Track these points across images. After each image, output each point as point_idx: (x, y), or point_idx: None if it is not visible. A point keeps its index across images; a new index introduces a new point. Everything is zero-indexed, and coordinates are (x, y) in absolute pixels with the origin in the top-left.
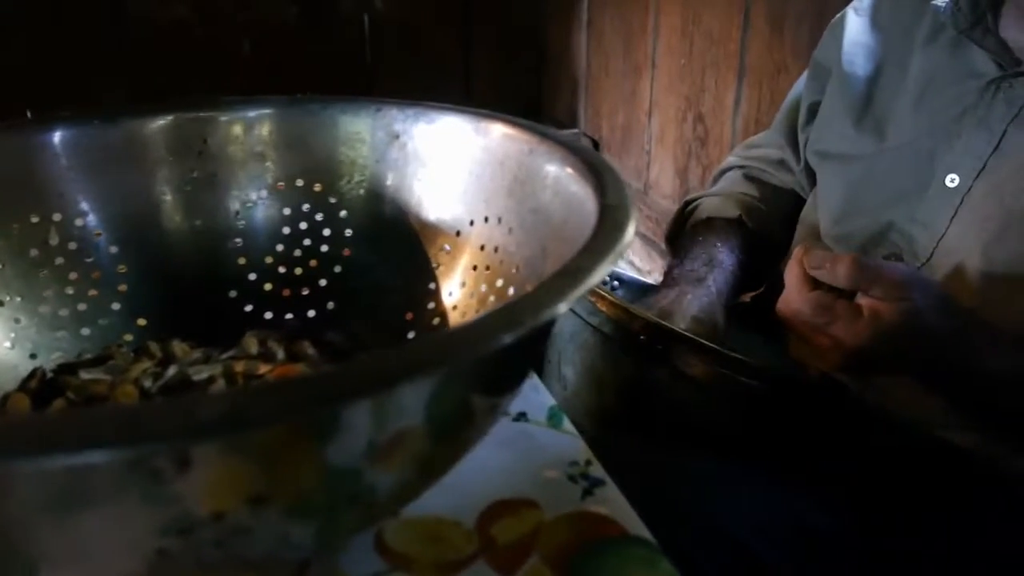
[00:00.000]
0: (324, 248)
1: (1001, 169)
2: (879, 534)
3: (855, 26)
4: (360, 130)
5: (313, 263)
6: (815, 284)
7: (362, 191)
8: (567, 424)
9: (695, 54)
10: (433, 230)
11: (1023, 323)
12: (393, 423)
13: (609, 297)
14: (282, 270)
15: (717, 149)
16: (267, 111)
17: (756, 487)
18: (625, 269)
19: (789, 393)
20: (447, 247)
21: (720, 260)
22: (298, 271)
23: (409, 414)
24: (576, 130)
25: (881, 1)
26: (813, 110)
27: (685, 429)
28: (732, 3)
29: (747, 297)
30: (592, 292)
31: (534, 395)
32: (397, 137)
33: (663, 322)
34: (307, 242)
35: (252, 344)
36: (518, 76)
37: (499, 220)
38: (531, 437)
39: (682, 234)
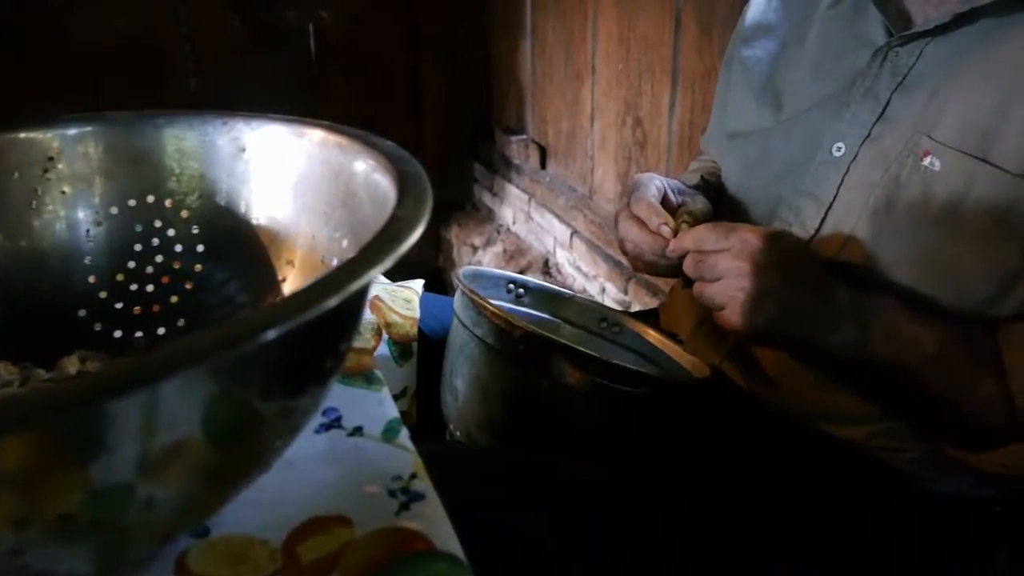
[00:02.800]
0: (176, 265)
1: (885, 137)
2: (757, 533)
3: (758, 6)
4: (208, 144)
5: (165, 280)
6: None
7: (212, 206)
8: (402, 438)
9: (631, 59)
10: (279, 243)
11: (909, 290)
12: (165, 432)
13: (491, 308)
14: (133, 287)
15: (655, 153)
16: (114, 127)
17: (631, 493)
18: (573, 272)
19: (667, 397)
20: (291, 260)
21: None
22: (149, 288)
23: (182, 421)
24: (524, 136)
25: None
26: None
27: (567, 437)
28: (665, 8)
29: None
30: (477, 303)
31: (376, 409)
32: (244, 150)
33: (542, 332)
34: (159, 259)
35: (71, 364)
36: (467, 84)
37: (336, 233)
38: (361, 452)
39: None
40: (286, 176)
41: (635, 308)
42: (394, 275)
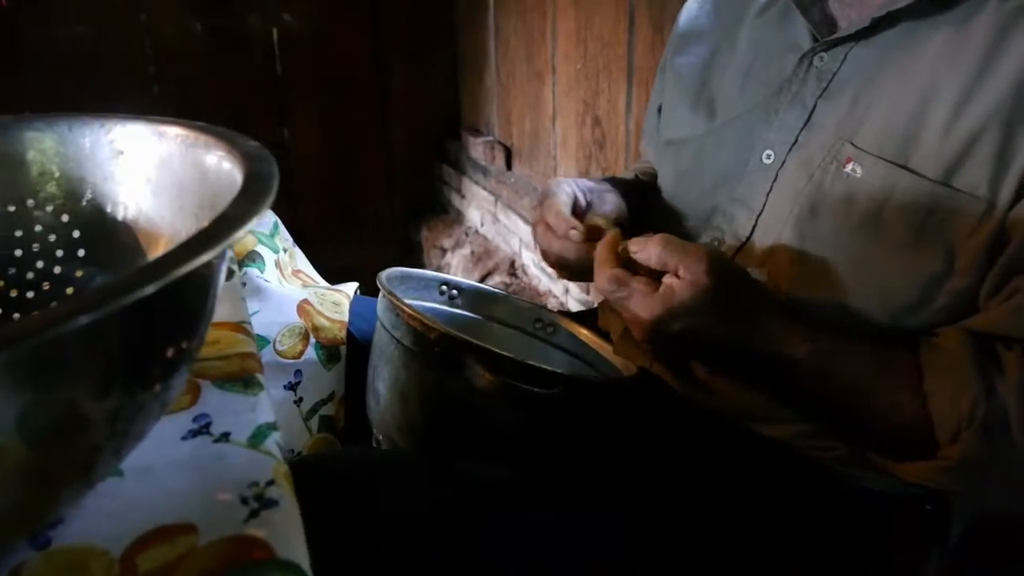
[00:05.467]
0: (57, 269)
1: (811, 144)
2: (677, 532)
3: (690, 12)
4: (87, 147)
5: (46, 286)
6: (630, 265)
7: (92, 209)
8: (269, 444)
9: (589, 58)
10: (156, 245)
11: (834, 299)
12: None
13: (407, 310)
14: (13, 294)
15: (614, 151)
16: None
17: (544, 494)
18: (538, 273)
19: (581, 397)
20: None
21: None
22: (30, 295)
23: None
24: (489, 137)
25: None
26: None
27: (484, 439)
28: (619, 6)
29: None
30: (394, 305)
31: (247, 415)
32: (122, 153)
33: (457, 333)
34: (40, 264)
35: None
36: (434, 85)
37: None
38: (223, 458)
39: None
40: (161, 177)
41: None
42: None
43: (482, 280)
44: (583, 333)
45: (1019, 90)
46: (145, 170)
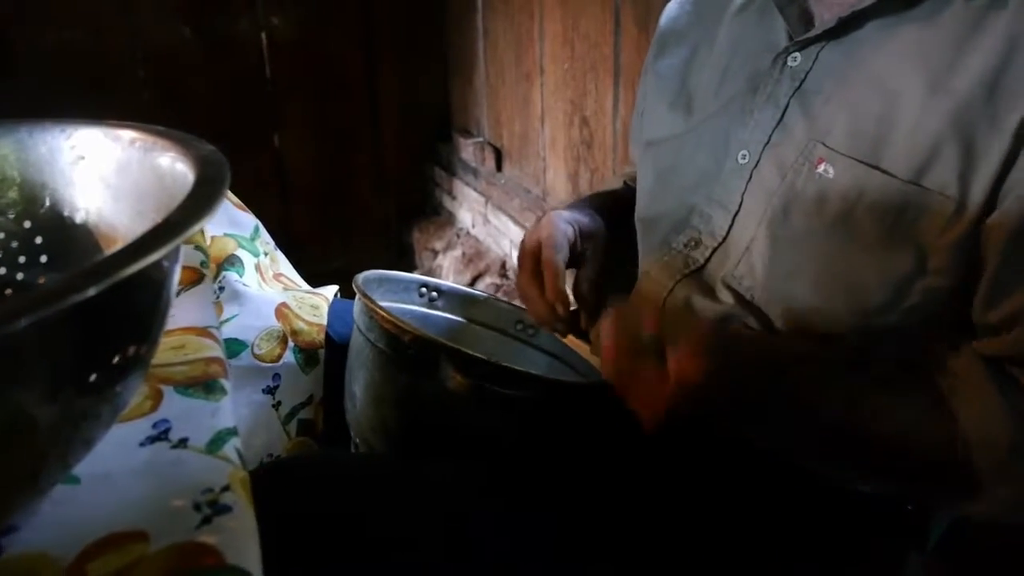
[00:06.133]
0: (19, 276)
1: (784, 144)
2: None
3: (671, 13)
4: (48, 154)
5: (8, 292)
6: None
7: (54, 215)
8: (227, 449)
9: (576, 59)
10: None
11: (807, 299)
12: None
13: (382, 313)
14: None
15: (601, 152)
16: None
17: (519, 496)
18: None
19: (555, 399)
20: None
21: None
22: None
23: None
24: (480, 139)
25: None
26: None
27: (457, 441)
28: (605, 7)
29: None
30: (368, 307)
31: (207, 420)
32: (83, 158)
33: (431, 336)
34: (2, 271)
35: None
36: (425, 87)
37: None
38: (180, 464)
39: None
40: (121, 182)
41: None
42: (327, 282)
43: (473, 282)
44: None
45: (986, 88)
46: (105, 175)
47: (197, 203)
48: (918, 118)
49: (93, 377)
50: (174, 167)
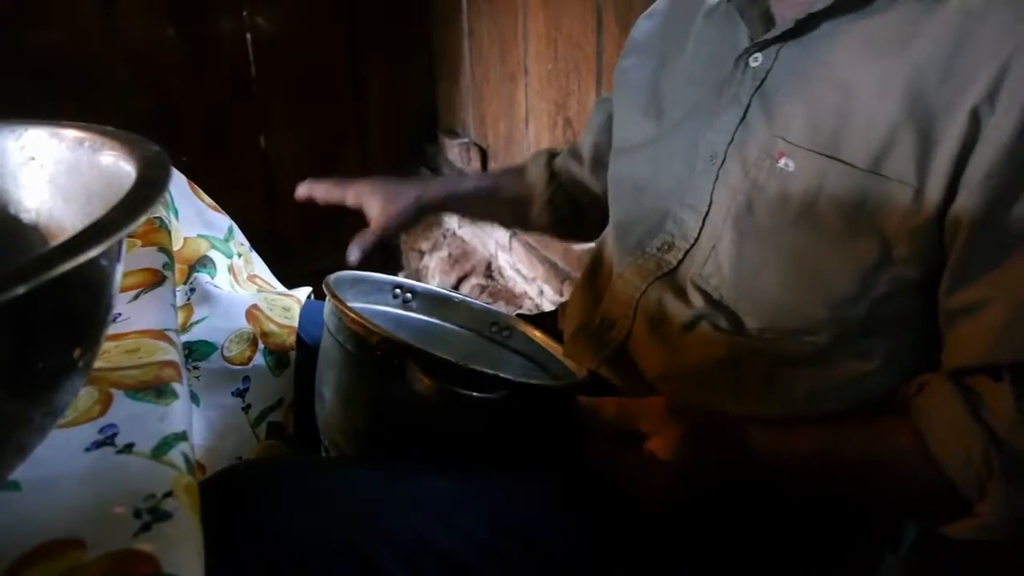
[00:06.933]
0: None
1: (747, 142)
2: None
3: (643, 25)
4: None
5: None
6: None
7: (6, 217)
8: (173, 454)
9: (559, 59)
10: None
11: (774, 294)
12: None
13: (351, 313)
14: None
15: None
16: None
17: (480, 497)
18: (513, 275)
19: (524, 401)
20: None
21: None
22: None
23: None
24: (465, 140)
25: None
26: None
27: (426, 443)
28: (587, 7)
29: None
30: (337, 308)
31: (155, 425)
32: (33, 159)
33: (399, 337)
34: None
35: None
36: (412, 88)
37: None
38: (124, 470)
39: None
40: (71, 183)
41: None
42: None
43: (459, 282)
44: (538, 336)
45: (939, 73)
46: (54, 175)
47: (133, 204)
48: (874, 107)
49: (24, 381)
50: (120, 167)
